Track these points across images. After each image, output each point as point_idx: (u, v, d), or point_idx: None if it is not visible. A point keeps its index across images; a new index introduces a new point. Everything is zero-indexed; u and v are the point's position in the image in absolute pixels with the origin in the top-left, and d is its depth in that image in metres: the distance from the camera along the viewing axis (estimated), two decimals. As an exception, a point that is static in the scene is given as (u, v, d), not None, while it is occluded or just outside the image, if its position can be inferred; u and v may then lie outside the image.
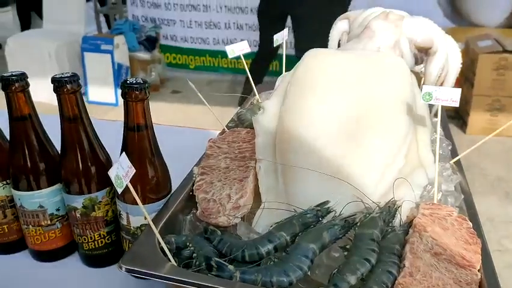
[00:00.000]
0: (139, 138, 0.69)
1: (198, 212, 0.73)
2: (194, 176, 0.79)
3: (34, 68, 3.01)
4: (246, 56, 1.13)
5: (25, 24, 4.74)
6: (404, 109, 0.81)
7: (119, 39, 3.70)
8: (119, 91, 0.67)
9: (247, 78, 3.33)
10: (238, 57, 1.10)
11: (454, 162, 0.88)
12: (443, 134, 0.99)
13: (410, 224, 0.69)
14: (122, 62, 3.75)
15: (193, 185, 0.77)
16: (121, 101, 3.67)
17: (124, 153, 0.59)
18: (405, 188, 0.74)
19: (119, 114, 0.70)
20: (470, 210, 0.74)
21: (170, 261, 0.60)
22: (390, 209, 0.69)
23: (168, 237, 0.66)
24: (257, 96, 1.13)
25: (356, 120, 0.79)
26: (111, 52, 3.60)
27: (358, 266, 0.59)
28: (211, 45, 4.23)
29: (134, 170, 0.59)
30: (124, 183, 0.56)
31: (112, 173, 0.54)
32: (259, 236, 0.65)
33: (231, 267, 0.58)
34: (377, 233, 0.64)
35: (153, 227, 0.58)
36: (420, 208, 0.70)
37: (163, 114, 3.34)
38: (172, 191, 0.76)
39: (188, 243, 0.66)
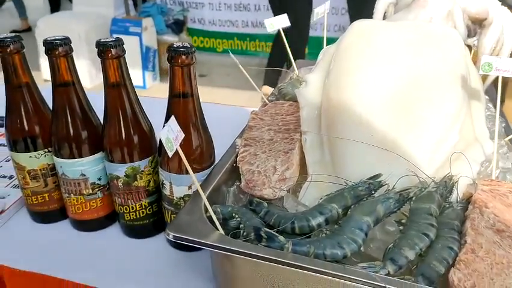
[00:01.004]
0: (185, 105, 0.67)
1: (241, 183, 0.71)
2: (237, 147, 0.77)
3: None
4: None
5: (55, 6, 4.79)
6: (458, 82, 0.76)
7: (147, 22, 3.69)
8: (147, 74, 0.65)
9: (270, 60, 3.24)
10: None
11: (509, 140, 0.83)
12: (493, 110, 0.94)
13: (468, 200, 0.65)
14: (150, 45, 3.75)
15: (236, 156, 0.75)
16: (149, 83, 3.68)
17: (173, 116, 0.56)
18: (461, 164, 0.70)
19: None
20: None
21: (218, 230, 0.58)
22: (447, 184, 0.65)
23: (214, 207, 0.64)
24: (296, 71, 1.09)
25: (407, 93, 0.75)
26: (139, 34, 3.59)
27: (416, 241, 0.56)
28: (239, 28, 4.19)
29: (183, 135, 0.56)
30: (174, 147, 0.54)
31: (163, 135, 0.52)
32: (309, 209, 0.62)
33: (281, 238, 0.56)
34: (434, 207, 0.60)
35: (202, 193, 0.56)
36: (479, 184, 0.66)
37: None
38: (216, 163, 0.74)
39: (234, 214, 0.64)
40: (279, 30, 1.04)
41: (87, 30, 3.61)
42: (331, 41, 0.93)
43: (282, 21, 1.07)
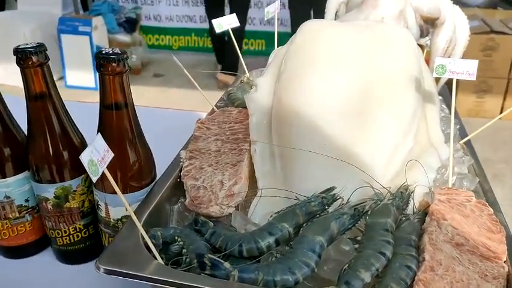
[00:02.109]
0: (118, 118, 0.60)
1: (186, 201, 0.65)
2: (181, 160, 0.71)
3: (8, 51, 2.85)
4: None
5: (-1, 5, 4.53)
6: (412, 84, 0.73)
7: (97, 21, 3.54)
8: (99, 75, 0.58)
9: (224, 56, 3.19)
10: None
11: (464, 143, 0.81)
12: (448, 112, 0.92)
13: (425, 211, 0.62)
14: (101, 45, 3.60)
15: (180, 170, 0.68)
16: (100, 84, 3.54)
17: (99, 134, 0.50)
18: (416, 171, 0.67)
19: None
20: (488, 195, 0.67)
21: (156, 258, 0.52)
22: (403, 195, 0.62)
23: (153, 230, 0.58)
24: (247, 73, 1.04)
25: (361, 97, 0.71)
26: (89, 34, 3.44)
27: (372, 261, 0.52)
28: (197, 23, 4.10)
29: (112, 154, 0.50)
30: (100, 170, 0.47)
31: (84, 157, 0.45)
32: (258, 228, 0.57)
33: (227, 265, 0.50)
34: (390, 222, 0.56)
35: (135, 219, 0.50)
36: (435, 193, 0.63)
37: (144, 98, 3.22)
38: (157, 178, 0.67)
39: (176, 237, 0.58)
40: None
41: (33, 29, 3.42)
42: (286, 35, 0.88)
43: (231, 20, 1.02)
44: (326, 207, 0.59)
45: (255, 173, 0.68)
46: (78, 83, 3.46)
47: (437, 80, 0.90)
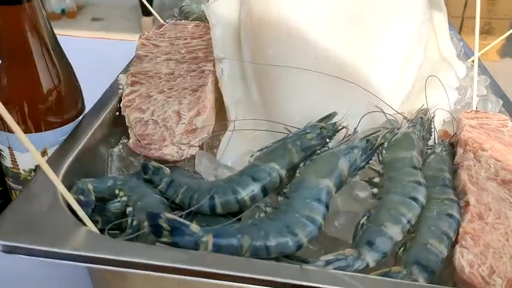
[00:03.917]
0: (16, 15, 0.39)
1: (130, 141, 0.47)
2: (121, 87, 0.52)
3: None
4: None
5: None
6: (418, -15, 0.57)
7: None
8: None
9: None
10: None
11: (472, 61, 0.67)
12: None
13: (450, 140, 0.47)
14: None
15: (120, 100, 0.50)
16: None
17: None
18: (433, 92, 0.52)
19: None
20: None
21: (84, 224, 0.34)
22: (423, 121, 0.46)
23: (82, 182, 0.40)
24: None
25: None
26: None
27: (402, 210, 0.36)
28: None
29: (-1, 62, 0.30)
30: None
31: None
32: (236, 173, 0.40)
33: (194, 227, 0.33)
34: (416, 155, 0.41)
35: (45, 166, 0.31)
36: (462, 118, 0.48)
37: (82, 43, 2.90)
38: (86, 111, 0.48)
39: (117, 191, 0.40)
40: None
41: None
42: None
43: None
44: (328, 141, 0.42)
45: (224, 100, 0.50)
46: None
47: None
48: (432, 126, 0.47)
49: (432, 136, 0.47)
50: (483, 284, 0.33)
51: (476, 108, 0.53)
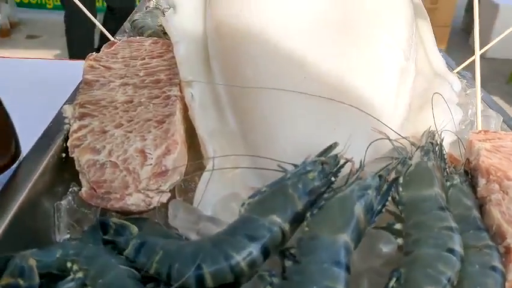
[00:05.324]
0: None
1: (83, 189, 0.37)
2: (67, 121, 0.42)
3: None
4: None
5: None
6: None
7: None
8: None
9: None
10: None
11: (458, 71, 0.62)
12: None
13: (465, 168, 0.41)
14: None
15: (66, 138, 0.40)
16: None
17: None
18: (437, 110, 0.45)
19: None
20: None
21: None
22: (434, 146, 0.40)
23: (21, 257, 0.30)
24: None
25: (340, 4, 0.47)
26: None
27: (441, 267, 0.29)
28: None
29: None
30: None
31: None
32: (226, 229, 0.31)
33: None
34: (440, 192, 0.34)
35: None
36: (473, 140, 0.42)
37: (17, 62, 2.69)
38: (23, 155, 0.38)
39: (70, 263, 0.30)
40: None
41: None
42: None
43: None
44: (333, 180, 0.35)
45: (198, 132, 0.42)
46: None
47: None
48: (444, 151, 0.40)
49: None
50: None
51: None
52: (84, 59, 0.48)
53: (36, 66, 0.80)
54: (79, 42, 1.82)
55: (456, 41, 2.90)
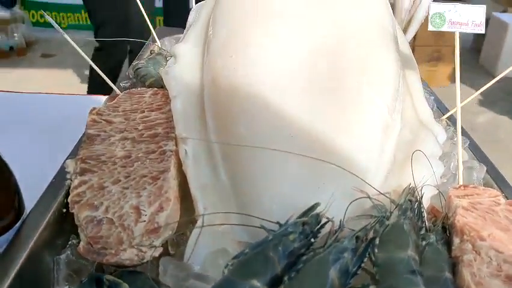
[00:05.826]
0: None
1: (80, 244, 0.40)
2: (68, 176, 0.45)
3: None
4: None
5: None
6: (389, 40, 0.55)
7: (-36, -8, 2.97)
8: None
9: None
10: None
11: (447, 118, 0.64)
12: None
13: (443, 223, 0.43)
14: (-27, 21, 3.04)
15: (67, 194, 0.43)
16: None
17: None
18: (418, 165, 0.47)
19: None
20: (507, 189, 0.50)
21: None
22: (412, 204, 0.42)
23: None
24: (158, 42, 0.78)
25: (329, 60, 0.50)
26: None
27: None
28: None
29: None
30: None
31: None
32: (210, 290, 0.34)
33: None
34: (413, 255, 0.36)
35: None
36: (452, 196, 0.44)
37: (33, 81, 2.77)
38: (27, 212, 0.41)
39: (65, 321, 0.33)
40: None
41: None
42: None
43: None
44: (312, 240, 0.37)
45: (190, 186, 0.44)
46: None
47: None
48: (422, 209, 0.43)
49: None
50: None
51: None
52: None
53: (42, 102, 0.84)
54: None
55: (466, 59, 2.92)
